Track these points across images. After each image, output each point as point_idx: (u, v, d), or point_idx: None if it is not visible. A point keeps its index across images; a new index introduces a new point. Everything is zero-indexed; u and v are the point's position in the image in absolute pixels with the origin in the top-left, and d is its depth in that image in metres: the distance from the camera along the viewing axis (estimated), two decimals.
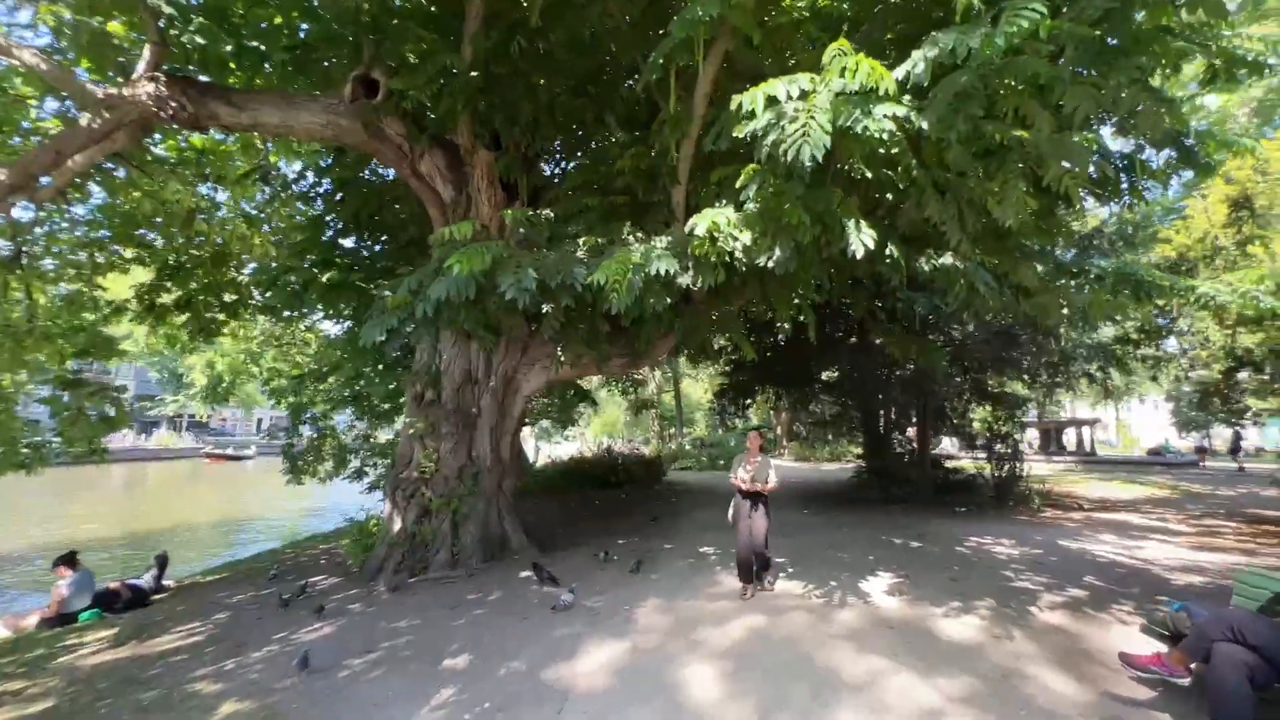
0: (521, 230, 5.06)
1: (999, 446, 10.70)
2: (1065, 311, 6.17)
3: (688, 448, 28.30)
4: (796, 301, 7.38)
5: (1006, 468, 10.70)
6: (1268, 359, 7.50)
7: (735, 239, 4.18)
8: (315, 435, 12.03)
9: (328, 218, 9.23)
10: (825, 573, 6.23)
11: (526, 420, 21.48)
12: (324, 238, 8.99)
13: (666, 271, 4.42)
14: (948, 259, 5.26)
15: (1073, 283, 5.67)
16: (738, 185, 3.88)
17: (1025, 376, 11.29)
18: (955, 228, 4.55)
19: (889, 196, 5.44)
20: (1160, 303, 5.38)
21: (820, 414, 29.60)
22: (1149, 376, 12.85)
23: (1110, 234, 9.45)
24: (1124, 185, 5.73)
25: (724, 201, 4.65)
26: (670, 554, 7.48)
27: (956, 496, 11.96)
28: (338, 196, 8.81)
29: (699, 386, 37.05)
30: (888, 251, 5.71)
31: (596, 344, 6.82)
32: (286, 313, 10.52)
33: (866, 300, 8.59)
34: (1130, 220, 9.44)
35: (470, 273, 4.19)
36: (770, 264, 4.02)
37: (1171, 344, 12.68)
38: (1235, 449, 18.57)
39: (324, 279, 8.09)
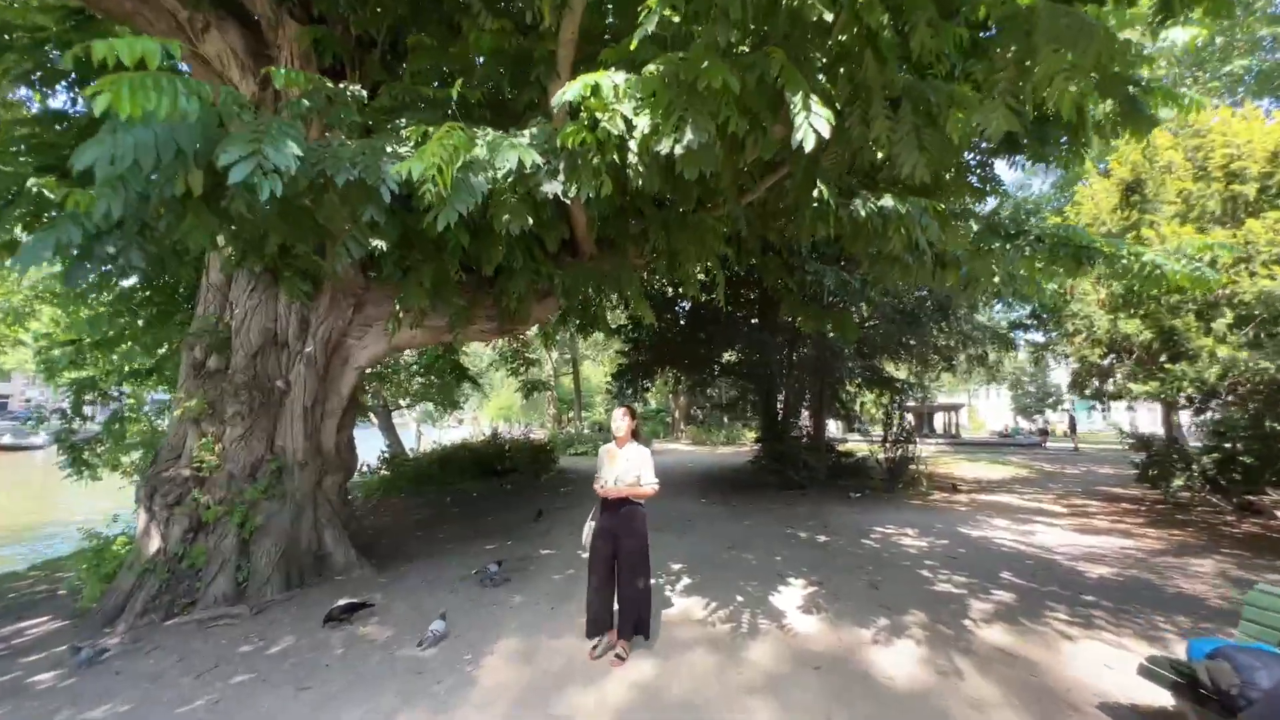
0: (307, 103, 3.24)
1: (893, 431, 10.40)
2: (996, 280, 5.46)
3: (586, 432, 26.93)
4: (708, 266, 6.14)
5: (899, 452, 10.41)
6: (1149, 344, 7.44)
7: (628, 121, 2.73)
8: (111, 417, 9.05)
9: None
10: (730, 583, 5.07)
11: (403, 402, 18.88)
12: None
13: (524, 169, 2.88)
14: (888, 201, 4.19)
15: (1009, 246, 4.92)
16: (639, 21, 2.40)
17: (914, 361, 11.08)
18: (910, 147, 3.44)
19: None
20: (1097, 270, 4.68)
21: (717, 398, 29.51)
22: (1031, 361, 13.31)
23: (1004, 219, 9.29)
24: (1063, 143, 5.04)
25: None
26: (548, 562, 6.00)
27: (849, 480, 11.61)
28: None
29: (600, 369, 35.72)
30: (816, 193, 4.61)
31: (446, 296, 5.09)
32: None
33: (777, 270, 7.59)
34: (1021, 206, 9.33)
35: (152, 125, 2.31)
36: (678, 149, 2.61)
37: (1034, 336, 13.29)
38: (1072, 430, 20.66)
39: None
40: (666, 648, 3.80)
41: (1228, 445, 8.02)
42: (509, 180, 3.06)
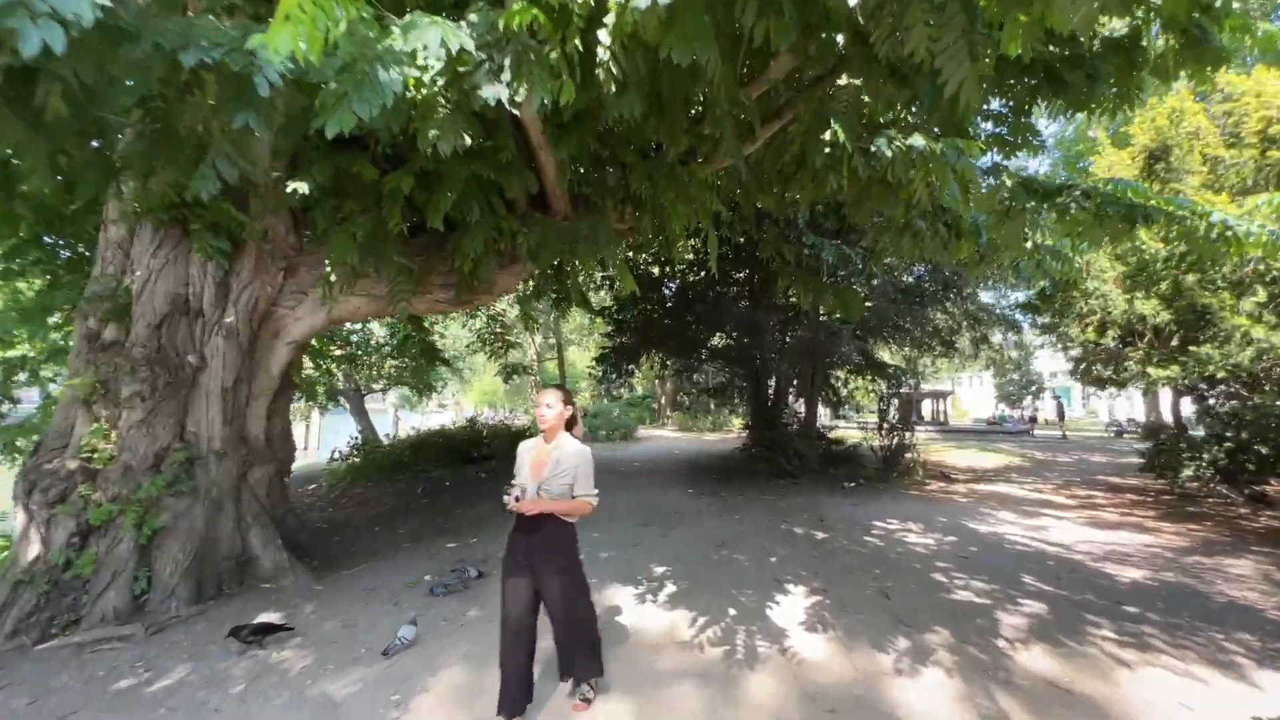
0: None
1: (890, 418, 9.78)
2: (1028, 245, 4.76)
3: None
4: (699, 228, 5.35)
5: (895, 440, 9.81)
6: (1166, 326, 6.83)
7: None
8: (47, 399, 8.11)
9: None
10: (721, 591, 4.36)
11: (376, 385, 17.91)
12: None
13: (456, 63, 2.07)
14: (918, 140, 3.43)
15: (1046, 206, 4.22)
16: None
17: (910, 345, 10.44)
18: (957, 56, 2.68)
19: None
20: (1155, 231, 3.98)
21: (704, 383, 28.89)
22: (1038, 345, 12.68)
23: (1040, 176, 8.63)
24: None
25: None
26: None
27: (841, 469, 11.01)
28: None
29: (586, 354, 34.87)
30: (828, 135, 3.85)
31: (384, 254, 4.25)
32: None
33: (773, 241, 6.83)
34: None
35: None
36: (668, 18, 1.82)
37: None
38: (1060, 417, 20.38)
39: None
40: (646, 681, 3.08)
41: (1244, 435, 7.51)
42: (436, 81, 2.24)
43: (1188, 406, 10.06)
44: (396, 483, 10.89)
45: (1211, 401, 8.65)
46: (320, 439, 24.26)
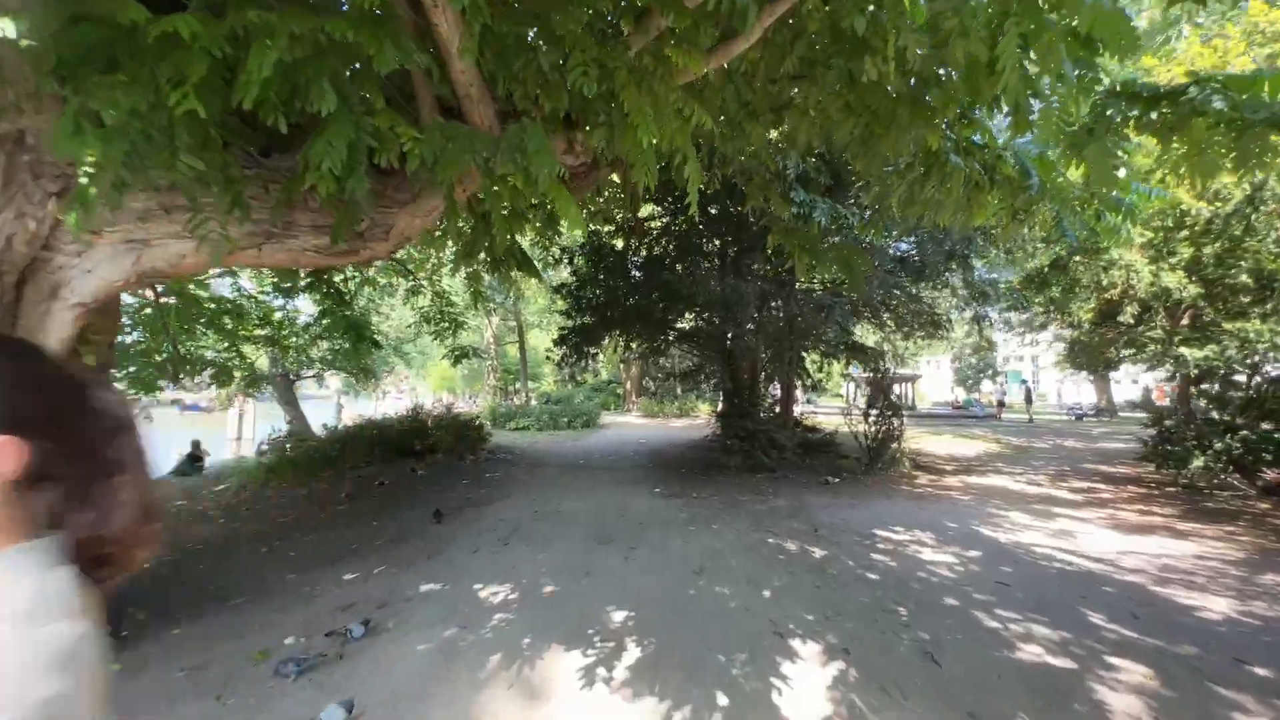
0: None
1: (879, 405, 8.70)
2: (1121, 175, 3.56)
3: (534, 404, 24.58)
4: (670, 157, 3.94)
5: (883, 429, 8.75)
6: (1194, 300, 5.85)
7: None
8: None
9: None
10: (703, 657, 3.03)
11: (308, 371, 15.91)
12: None
13: None
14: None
15: (1148, 115, 3.01)
16: None
17: (898, 324, 9.36)
18: None
19: None
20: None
21: (671, 368, 27.66)
22: (1040, 324, 11.79)
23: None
24: None
25: None
26: (421, 608, 3.80)
27: (819, 460, 9.94)
28: None
29: (549, 337, 33.16)
30: None
31: (215, 175, 2.67)
32: None
33: (762, 188, 5.48)
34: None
35: None
36: None
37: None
38: (1027, 401, 20.10)
39: None
40: None
41: (1264, 423, 6.68)
42: None
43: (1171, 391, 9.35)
44: (321, 482, 9.21)
45: (1211, 387, 7.89)
46: (255, 429, 21.97)
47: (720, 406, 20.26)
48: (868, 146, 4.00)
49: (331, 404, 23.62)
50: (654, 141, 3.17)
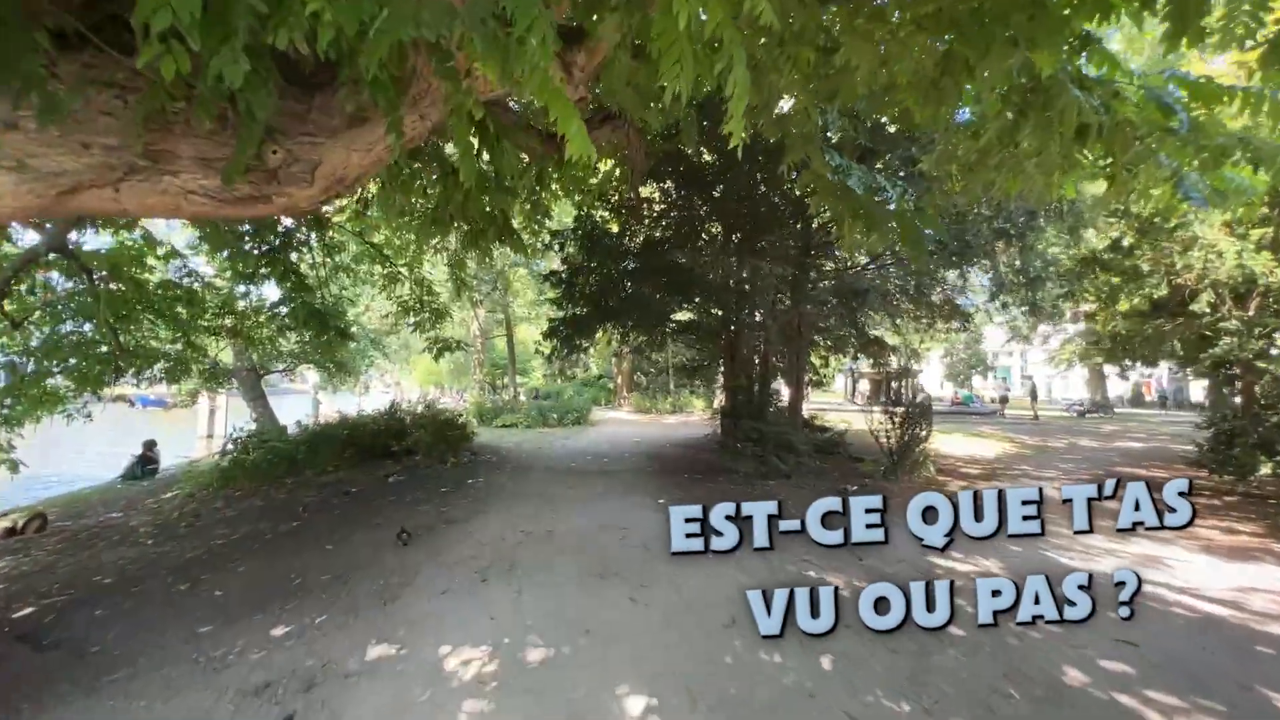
0: None
1: (905, 404, 7.74)
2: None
3: (523, 399, 23.44)
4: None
5: (909, 431, 7.81)
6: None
7: None
8: None
9: None
10: None
11: (279, 365, 14.61)
12: None
13: None
14: None
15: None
16: None
17: (925, 312, 8.37)
18: None
19: None
20: None
21: (664, 363, 26.62)
22: (1091, 312, 10.80)
23: None
24: None
25: None
26: (357, 694, 2.73)
27: (832, 463, 8.99)
28: None
29: (537, 329, 31.94)
30: None
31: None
32: None
33: (803, 144, 4.45)
34: None
35: None
36: None
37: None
38: (1033, 398, 19.38)
39: None
40: None
41: None
42: None
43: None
44: (281, 489, 8.07)
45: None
46: (229, 426, 20.58)
47: (719, 403, 19.28)
48: (943, 83, 2.98)
49: (306, 399, 22.26)
50: (694, 19, 2.04)
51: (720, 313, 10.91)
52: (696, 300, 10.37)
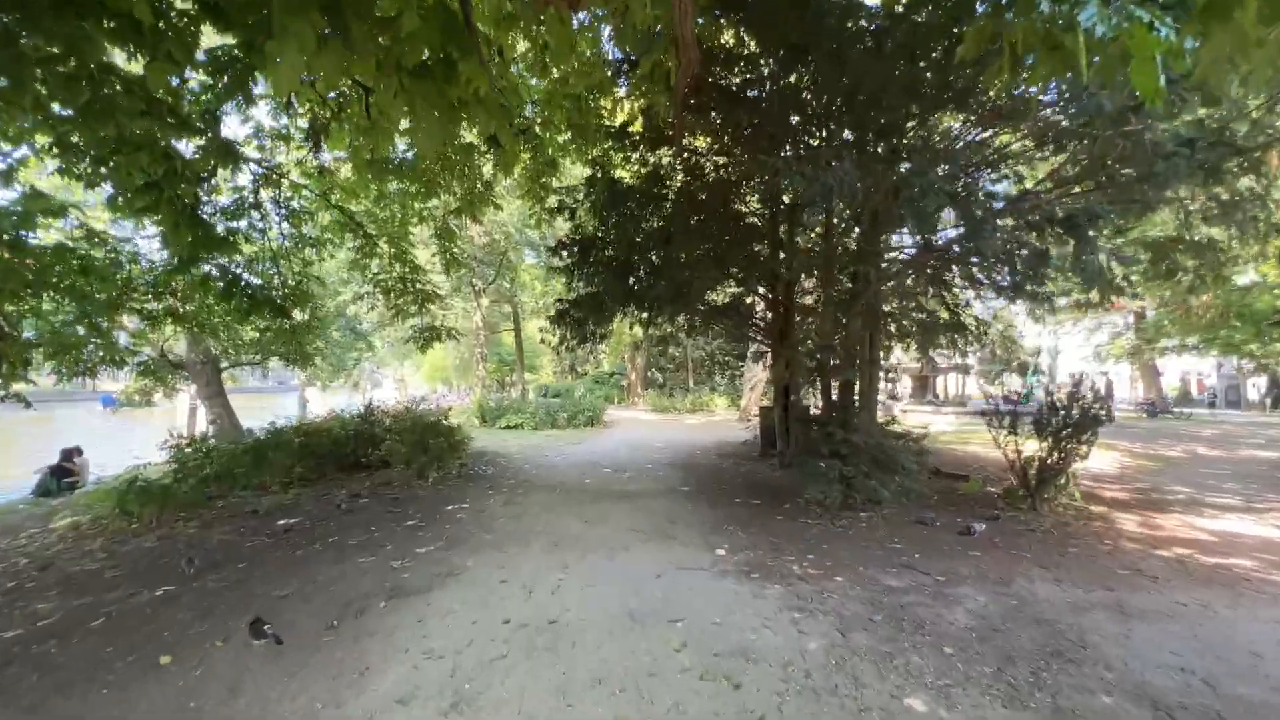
0: None
1: (1066, 409, 5.28)
2: None
3: (533, 398, 21.23)
4: None
5: (1061, 449, 5.39)
6: None
7: None
8: None
9: None
10: None
11: (247, 356, 12.40)
12: None
13: None
14: None
15: None
16: None
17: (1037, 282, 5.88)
18: None
19: None
20: None
21: (682, 357, 24.23)
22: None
23: None
24: None
25: None
26: None
27: (936, 484, 6.63)
28: None
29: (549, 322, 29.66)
30: None
31: None
32: None
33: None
34: None
35: None
36: None
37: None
38: (1110, 396, 16.89)
39: None
40: None
41: None
42: None
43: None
44: (189, 523, 5.86)
45: None
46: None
47: (748, 401, 16.84)
48: None
49: (291, 395, 20.17)
50: None
51: (770, 287, 8.57)
52: (741, 267, 8.02)
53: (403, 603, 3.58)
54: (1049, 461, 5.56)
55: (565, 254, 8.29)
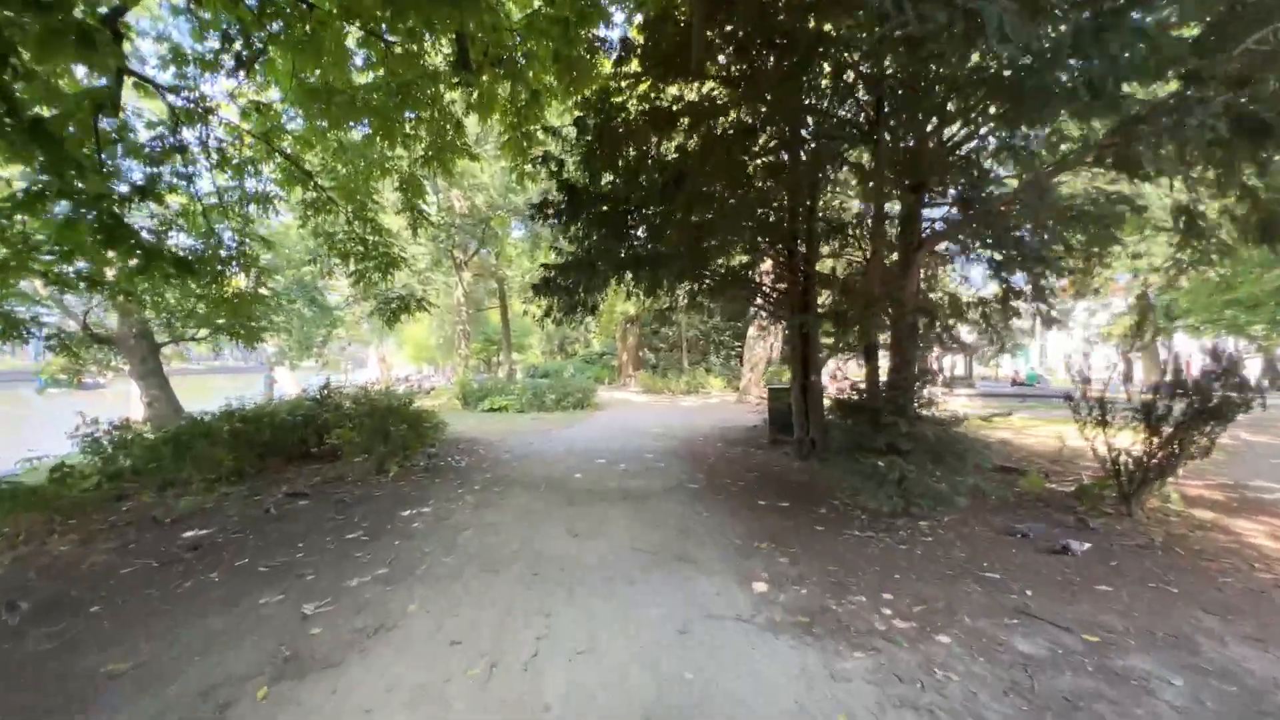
0: None
1: (1212, 390, 4.05)
2: None
3: (520, 378, 19.86)
4: None
5: (1179, 442, 4.21)
6: None
7: None
8: None
9: None
10: None
11: (194, 333, 10.71)
12: None
13: None
14: None
15: None
16: None
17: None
18: None
19: None
20: None
21: (674, 337, 22.91)
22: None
23: None
24: None
25: None
26: None
27: (995, 482, 5.44)
28: None
29: (534, 303, 28.07)
30: None
31: None
32: None
33: None
34: None
35: None
36: None
37: None
38: (1128, 380, 16.00)
39: None
40: None
41: None
42: None
43: None
44: (75, 532, 4.50)
45: None
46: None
47: (748, 382, 15.58)
48: None
49: (287, 378, 18.52)
50: None
51: (789, 252, 7.26)
52: (759, 228, 6.69)
53: (294, 689, 2.29)
54: (1156, 458, 4.37)
55: (551, 211, 6.87)
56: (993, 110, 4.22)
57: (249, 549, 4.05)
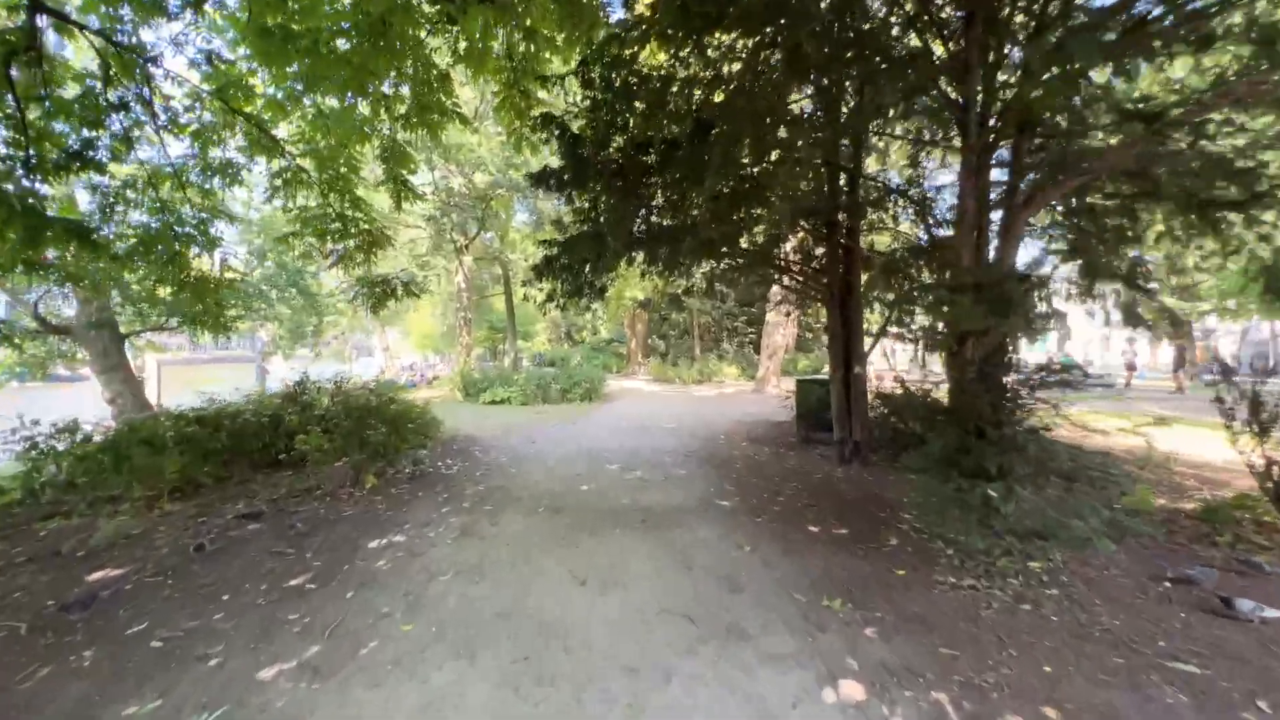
0: None
1: None
2: None
3: (527, 367, 18.87)
4: None
5: None
6: None
7: None
8: None
9: None
10: None
11: (164, 319, 9.53)
12: None
13: None
14: None
15: None
16: None
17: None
18: None
19: None
20: None
21: (686, 324, 21.72)
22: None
23: None
24: None
25: None
26: None
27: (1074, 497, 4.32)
28: None
29: (539, 291, 26.91)
30: None
31: None
32: None
33: None
34: None
35: None
36: None
37: None
38: (1179, 366, 14.59)
39: None
40: None
41: None
42: None
43: None
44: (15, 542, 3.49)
45: None
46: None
47: (765, 371, 14.30)
48: None
49: (282, 368, 17.54)
50: None
51: (830, 225, 6.09)
52: (793, 189, 5.49)
53: None
54: None
55: (553, 181, 5.72)
56: None
57: (156, 605, 3.04)
